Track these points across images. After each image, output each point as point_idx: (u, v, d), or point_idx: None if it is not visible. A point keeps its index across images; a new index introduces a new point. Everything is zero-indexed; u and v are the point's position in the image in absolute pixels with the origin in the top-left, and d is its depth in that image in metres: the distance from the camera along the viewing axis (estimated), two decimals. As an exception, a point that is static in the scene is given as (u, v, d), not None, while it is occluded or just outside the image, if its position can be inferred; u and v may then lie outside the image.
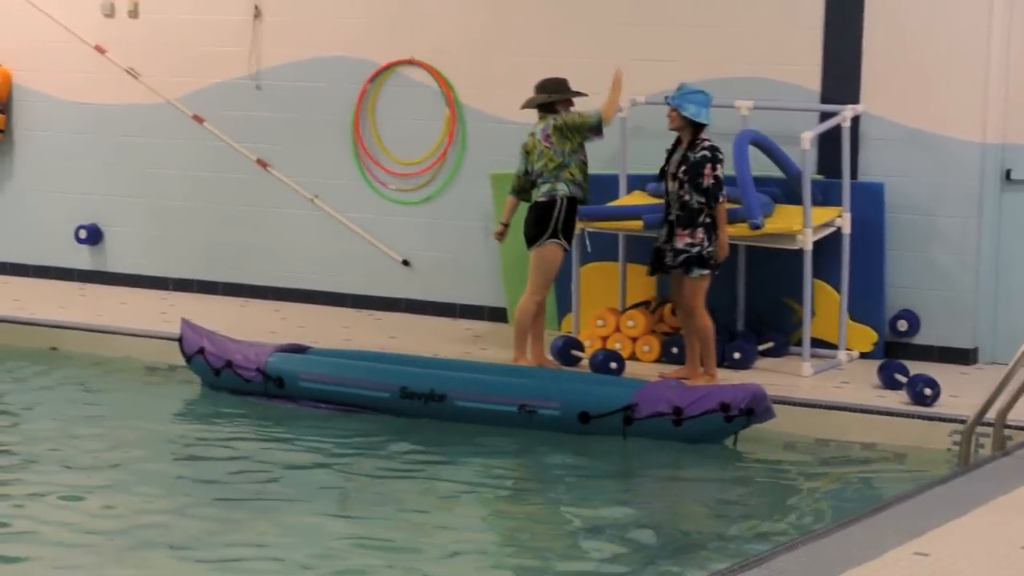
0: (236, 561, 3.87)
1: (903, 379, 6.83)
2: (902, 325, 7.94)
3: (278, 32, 8.08)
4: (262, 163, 8.42)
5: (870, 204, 7.96)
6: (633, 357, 7.23)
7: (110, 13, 8.29)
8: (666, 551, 4.36)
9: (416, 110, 8.05)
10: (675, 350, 7.34)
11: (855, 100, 8.05)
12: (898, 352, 7.85)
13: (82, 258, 8.73)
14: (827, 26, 8.07)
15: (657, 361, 7.33)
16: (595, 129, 6.90)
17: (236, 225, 8.17)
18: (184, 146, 8.26)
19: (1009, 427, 5.51)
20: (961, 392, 6.74)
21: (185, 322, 6.22)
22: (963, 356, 7.97)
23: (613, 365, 6.59)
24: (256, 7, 8.09)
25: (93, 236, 8.55)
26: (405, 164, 8.18)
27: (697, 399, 5.63)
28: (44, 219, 8.73)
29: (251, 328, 6.83)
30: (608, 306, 7.51)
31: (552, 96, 6.72)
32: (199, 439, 5.42)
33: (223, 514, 4.26)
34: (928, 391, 6.51)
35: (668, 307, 7.55)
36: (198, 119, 8.51)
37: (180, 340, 6.08)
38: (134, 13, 8.41)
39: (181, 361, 6.12)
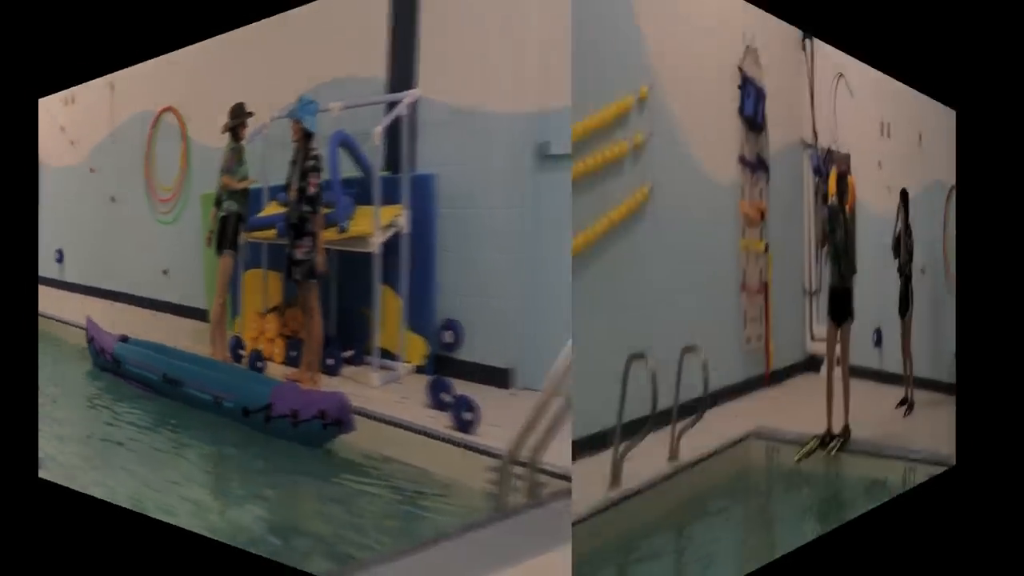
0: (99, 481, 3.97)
1: (449, 399, 3.96)
2: (448, 336, 4.41)
3: (124, 94, 7.59)
4: (113, 199, 7.63)
5: (424, 199, 4.36)
6: (271, 358, 5.24)
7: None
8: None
9: (171, 148, 7.03)
10: (293, 353, 4.97)
11: (415, 85, 4.37)
12: (446, 367, 4.41)
13: (56, 271, 8.97)
14: (392, 7, 4.61)
15: (283, 363, 5.11)
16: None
17: (104, 245, 8.06)
18: (91, 187, 8.25)
19: (545, 472, 3.77)
20: (503, 420, 3.67)
21: (88, 318, 6.23)
22: (501, 377, 4.17)
23: (259, 365, 4.97)
24: (110, 84, 7.75)
25: (60, 256, 8.90)
26: (167, 191, 7.32)
27: (307, 403, 4.52)
28: (43, 244, 9.00)
29: (105, 322, 6.84)
30: (258, 310, 5.53)
31: (232, 121, 5.23)
32: (82, 402, 5.63)
33: (89, 454, 4.59)
34: (468, 415, 3.70)
35: (290, 312, 5.13)
36: (92, 170, 8.11)
37: (86, 330, 6.17)
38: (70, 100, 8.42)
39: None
